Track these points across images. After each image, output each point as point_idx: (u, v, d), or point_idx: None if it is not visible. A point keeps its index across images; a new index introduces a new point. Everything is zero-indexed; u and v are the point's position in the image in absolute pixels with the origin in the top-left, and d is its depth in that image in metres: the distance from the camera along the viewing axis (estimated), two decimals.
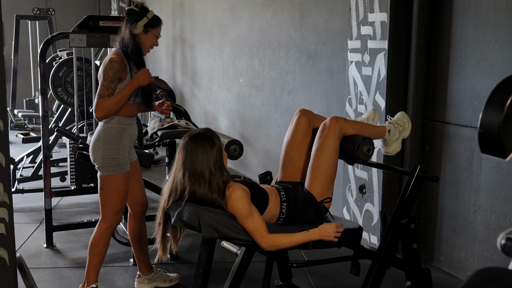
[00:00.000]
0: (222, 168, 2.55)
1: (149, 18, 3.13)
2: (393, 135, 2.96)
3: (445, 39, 3.65)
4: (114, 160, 3.07)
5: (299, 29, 5.25)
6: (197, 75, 8.07)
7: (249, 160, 6.54)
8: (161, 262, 3.85)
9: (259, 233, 2.46)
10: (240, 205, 2.48)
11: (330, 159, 2.74)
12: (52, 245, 4.18)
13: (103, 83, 2.99)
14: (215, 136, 2.59)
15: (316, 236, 2.48)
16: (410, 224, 2.51)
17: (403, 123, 3.02)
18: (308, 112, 2.98)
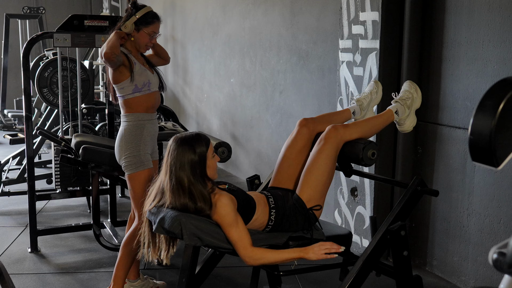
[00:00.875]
0: (203, 177, 2.45)
1: (137, 17, 3.06)
2: (403, 113, 2.82)
3: (438, 38, 3.57)
4: (136, 158, 3.05)
5: (290, 28, 5.17)
6: (188, 74, 7.97)
7: (240, 161, 6.45)
8: (148, 267, 3.77)
9: (242, 244, 2.37)
10: (225, 212, 2.39)
11: (325, 166, 2.65)
12: (37, 250, 4.08)
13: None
14: (200, 143, 2.46)
15: (303, 254, 2.36)
16: (401, 231, 2.42)
17: (410, 94, 2.88)
18: (310, 122, 2.86)
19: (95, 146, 3.56)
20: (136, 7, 3.11)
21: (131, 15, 3.09)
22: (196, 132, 2.54)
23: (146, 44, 3.13)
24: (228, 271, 3.75)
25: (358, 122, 2.82)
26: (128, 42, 3.12)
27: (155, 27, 3.13)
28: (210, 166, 2.49)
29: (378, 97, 2.99)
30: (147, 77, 3.10)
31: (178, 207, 2.41)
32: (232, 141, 6.60)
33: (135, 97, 3.08)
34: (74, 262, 3.91)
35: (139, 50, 3.16)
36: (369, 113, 3.03)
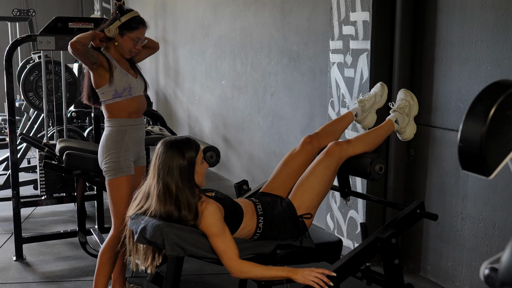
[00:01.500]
0: (191, 183, 2.36)
1: (122, 21, 2.97)
2: (402, 121, 2.80)
3: (430, 39, 3.49)
4: (115, 163, 2.97)
5: (281, 29, 5.08)
6: (180, 76, 7.88)
7: (232, 164, 6.37)
8: (136, 275, 3.68)
9: (228, 255, 2.28)
10: (211, 221, 2.31)
11: (323, 176, 2.59)
12: (22, 258, 3.99)
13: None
14: (189, 148, 2.38)
15: (291, 274, 2.27)
16: (392, 239, 2.34)
17: (407, 102, 2.86)
18: (314, 139, 2.82)
19: (79, 151, 3.47)
20: (121, 11, 3.02)
21: (116, 19, 3.00)
22: (186, 137, 2.46)
23: (130, 49, 3.05)
24: (218, 278, 3.66)
25: (360, 136, 2.78)
26: (111, 46, 3.04)
27: (140, 33, 3.04)
28: (198, 173, 2.40)
29: (382, 100, 2.96)
30: (128, 82, 3.01)
31: (162, 214, 2.32)
32: (224, 144, 6.52)
33: (115, 102, 3.00)
34: (60, 270, 3.81)
35: (123, 55, 3.08)
36: (370, 115, 3.00)
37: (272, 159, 5.40)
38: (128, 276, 3.62)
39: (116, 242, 3.07)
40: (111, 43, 3.04)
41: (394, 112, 2.85)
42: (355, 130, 3.81)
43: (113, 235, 3.07)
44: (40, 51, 4.88)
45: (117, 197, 2.99)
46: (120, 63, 3.04)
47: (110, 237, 3.09)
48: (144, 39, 3.11)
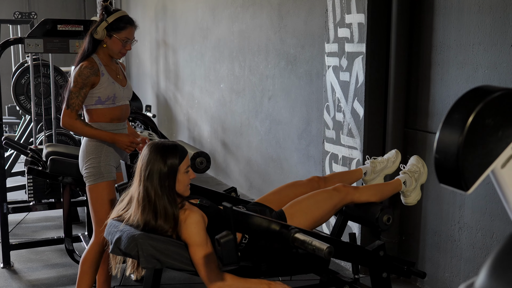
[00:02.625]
0: (171, 191, 2.26)
1: (108, 22, 2.88)
2: (410, 185, 2.79)
3: (427, 41, 3.38)
4: (96, 169, 2.89)
5: (278, 32, 4.99)
6: (179, 80, 7.80)
7: (230, 169, 6.27)
8: (124, 283, 3.58)
9: (208, 268, 2.18)
10: (195, 230, 2.21)
11: (322, 203, 2.53)
12: (10, 265, 3.90)
13: (72, 89, 2.84)
14: (173, 155, 2.27)
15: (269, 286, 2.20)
16: (379, 251, 2.23)
17: (418, 168, 2.85)
18: (321, 180, 2.82)
19: (66, 156, 3.38)
20: (107, 11, 2.93)
21: (102, 20, 2.91)
22: (173, 143, 2.36)
23: (119, 51, 2.95)
24: None
25: (368, 186, 2.73)
26: (100, 49, 2.94)
27: (128, 33, 2.95)
28: (180, 181, 2.30)
29: (393, 167, 2.95)
30: (113, 91, 2.92)
31: (139, 222, 2.23)
32: (222, 148, 6.43)
33: (97, 108, 2.91)
34: (47, 278, 3.73)
35: (113, 57, 2.99)
36: (378, 178, 3.00)
37: (269, 164, 5.29)
38: (116, 285, 3.53)
39: (97, 249, 2.98)
40: (100, 46, 2.95)
41: (404, 173, 2.84)
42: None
43: (94, 242, 2.98)
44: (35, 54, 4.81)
45: (98, 203, 2.90)
46: (108, 69, 2.94)
47: (91, 244, 3.00)
48: (134, 40, 3.01)
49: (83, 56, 2.91)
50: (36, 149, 3.61)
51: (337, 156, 3.87)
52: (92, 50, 2.93)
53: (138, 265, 2.29)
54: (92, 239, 2.99)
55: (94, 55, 2.92)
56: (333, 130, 3.89)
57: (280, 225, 2.04)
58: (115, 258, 2.32)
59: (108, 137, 2.87)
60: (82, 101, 2.86)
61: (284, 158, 5.01)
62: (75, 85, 2.83)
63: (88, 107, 2.91)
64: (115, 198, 2.89)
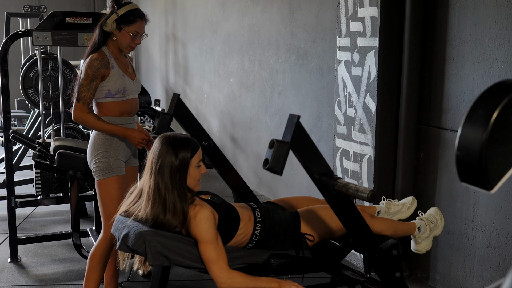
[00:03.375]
0: (182, 185, 2.21)
1: (119, 15, 2.84)
2: (423, 232, 2.73)
3: (441, 36, 3.31)
4: (105, 163, 2.84)
5: (289, 26, 4.92)
6: (189, 74, 7.76)
7: (239, 164, 6.22)
8: (132, 279, 3.55)
9: (218, 265, 2.13)
10: (205, 226, 2.16)
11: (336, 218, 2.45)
12: (17, 259, 3.88)
13: (82, 82, 2.80)
14: (185, 148, 2.22)
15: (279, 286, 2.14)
16: (392, 250, 2.17)
17: (435, 219, 2.79)
18: None
19: (73, 151, 3.34)
20: (118, 4, 2.89)
21: (113, 12, 2.87)
22: (186, 136, 2.31)
23: (128, 44, 2.91)
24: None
25: (384, 219, 2.66)
26: (110, 41, 2.90)
27: (138, 26, 2.89)
28: (192, 176, 2.25)
29: (407, 213, 2.87)
30: (123, 84, 2.88)
31: (148, 216, 2.18)
32: (231, 143, 6.38)
33: (106, 101, 2.86)
34: (54, 273, 3.70)
35: (122, 51, 2.95)
36: None
37: None
38: (123, 281, 3.49)
39: (106, 245, 2.94)
40: (110, 38, 2.90)
41: (421, 220, 2.78)
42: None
43: (102, 238, 2.94)
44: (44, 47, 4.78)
45: (107, 198, 2.86)
46: (118, 62, 2.90)
47: (99, 240, 2.96)
48: (144, 34, 2.96)
49: (93, 48, 2.87)
50: (44, 143, 3.58)
51: (348, 152, 3.80)
52: (102, 42, 2.89)
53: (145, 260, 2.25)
54: (100, 234, 2.96)
55: (104, 48, 2.88)
56: (344, 125, 3.83)
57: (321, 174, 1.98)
58: (123, 254, 2.28)
59: (120, 132, 2.83)
60: (93, 94, 2.82)
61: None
62: (85, 77, 2.79)
63: (98, 100, 2.87)
64: (124, 193, 2.85)
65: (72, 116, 2.82)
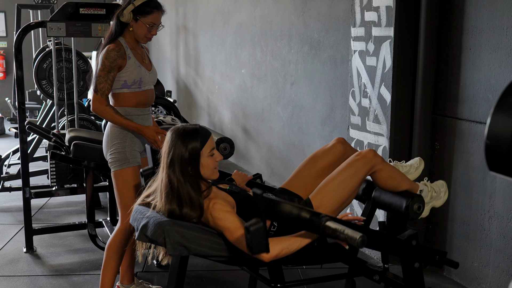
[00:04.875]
0: (196, 177, 2.21)
1: (135, 5, 2.83)
2: (424, 196, 2.64)
3: (457, 25, 3.28)
4: (121, 154, 2.86)
5: (301, 16, 4.89)
6: (200, 65, 7.74)
7: (251, 155, 6.22)
8: (147, 269, 3.56)
9: None
10: (221, 216, 2.15)
11: (349, 182, 2.41)
12: (32, 250, 3.90)
13: (100, 73, 2.80)
14: (194, 138, 2.20)
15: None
16: (412, 241, 2.16)
17: (439, 191, 2.70)
18: (346, 144, 2.70)
19: (88, 141, 3.35)
20: None
21: (130, 3, 2.86)
22: (195, 126, 2.27)
23: (144, 35, 2.90)
24: (231, 274, 3.52)
25: (393, 169, 2.59)
26: (127, 32, 2.90)
27: (155, 17, 2.88)
28: (205, 166, 2.24)
29: (415, 174, 2.78)
30: (140, 75, 2.88)
31: (164, 211, 2.19)
32: (243, 134, 6.37)
33: (123, 92, 2.86)
34: (70, 263, 3.72)
35: (138, 41, 2.94)
36: None
37: (291, 150, 5.23)
38: (138, 271, 3.51)
39: (123, 235, 2.96)
40: (126, 29, 2.90)
41: (425, 185, 2.70)
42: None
43: (120, 228, 2.95)
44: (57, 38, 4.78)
45: (123, 189, 2.87)
46: (134, 52, 2.90)
47: (117, 230, 2.97)
48: (160, 25, 2.96)
49: (110, 39, 2.87)
50: (59, 134, 3.59)
51: (362, 142, 3.79)
52: (119, 33, 2.88)
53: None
54: (118, 225, 2.97)
55: (120, 38, 2.88)
56: (358, 116, 3.82)
57: (310, 213, 1.98)
58: (142, 245, 2.28)
59: (136, 128, 2.84)
60: (111, 84, 2.82)
61: (306, 144, 4.94)
62: (102, 68, 2.79)
63: (114, 91, 2.87)
64: (140, 184, 2.85)
65: (90, 107, 2.83)
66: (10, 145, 7.41)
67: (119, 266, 3.04)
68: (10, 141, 8.25)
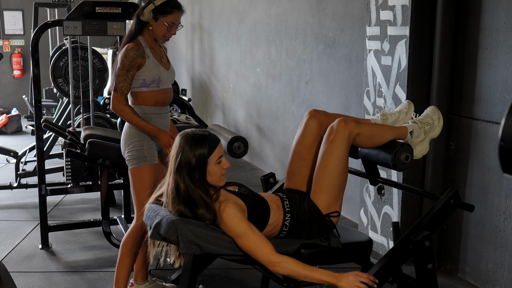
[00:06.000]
0: (202, 182, 2.21)
1: (155, 5, 2.84)
2: (417, 136, 2.54)
3: (474, 24, 3.25)
4: (139, 152, 2.87)
5: (316, 15, 4.88)
6: (215, 64, 7.76)
7: (266, 154, 6.22)
8: (161, 267, 3.58)
9: (262, 252, 2.13)
10: (232, 223, 2.15)
11: (336, 167, 2.37)
12: (48, 246, 3.94)
13: (119, 72, 2.82)
14: (202, 145, 2.20)
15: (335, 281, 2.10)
16: (425, 241, 2.15)
17: (431, 120, 2.59)
18: (319, 114, 2.58)
19: (104, 139, 3.37)
20: None
21: (150, 2, 2.88)
22: (204, 132, 2.26)
23: (164, 34, 2.91)
24: (244, 273, 3.53)
25: (371, 124, 2.52)
26: (146, 31, 2.91)
27: (175, 17, 2.89)
28: (211, 173, 2.23)
29: (406, 118, 2.67)
30: (158, 74, 2.89)
31: (173, 212, 2.20)
32: (257, 133, 6.37)
33: (141, 91, 2.88)
34: (84, 260, 3.75)
35: (157, 41, 2.96)
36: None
37: None
38: (152, 269, 3.53)
39: (137, 232, 2.97)
40: (146, 28, 2.92)
41: (414, 123, 2.59)
42: None
43: (135, 226, 2.97)
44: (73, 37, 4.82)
45: (140, 186, 2.89)
46: (153, 51, 2.92)
47: (132, 227, 2.99)
48: (180, 24, 2.97)
49: (129, 37, 2.89)
50: (75, 131, 3.61)
51: None
52: (139, 31, 2.90)
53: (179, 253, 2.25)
54: (133, 222, 2.99)
55: (140, 37, 2.90)
56: (373, 115, 3.80)
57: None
58: (153, 247, 2.29)
59: (152, 131, 2.85)
60: (130, 84, 2.84)
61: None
62: (121, 67, 2.81)
63: (133, 89, 2.89)
64: (157, 182, 2.86)
65: (110, 105, 2.85)
66: (27, 142, 7.49)
67: (133, 263, 3.06)
68: (27, 138, 8.33)
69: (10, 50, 11.32)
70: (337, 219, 2.41)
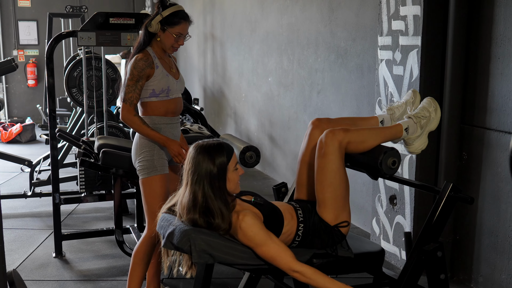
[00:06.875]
0: (222, 191, 2.22)
1: (163, 16, 2.88)
2: (413, 132, 2.49)
3: (486, 34, 3.25)
4: (149, 162, 2.91)
5: (328, 25, 4.90)
6: (227, 73, 7.80)
7: (277, 163, 6.23)
8: (171, 276, 3.60)
9: (283, 260, 2.14)
10: (252, 233, 2.16)
11: (334, 180, 2.37)
12: (61, 255, 3.97)
13: (128, 82, 2.86)
14: (220, 153, 2.22)
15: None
16: (437, 252, 2.15)
17: (428, 113, 2.53)
18: (321, 123, 2.58)
19: (117, 149, 3.40)
20: (163, 5, 2.92)
21: (158, 13, 2.92)
22: (218, 141, 2.29)
23: (171, 45, 2.95)
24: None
25: (361, 129, 2.48)
26: (154, 42, 2.95)
27: (182, 28, 2.93)
28: (231, 180, 2.25)
29: (414, 108, 2.63)
30: (167, 83, 2.92)
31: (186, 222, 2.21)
32: (269, 142, 6.39)
33: (151, 101, 2.91)
34: (98, 269, 3.77)
35: (165, 51, 2.99)
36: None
37: None
38: (164, 278, 3.54)
39: (149, 242, 2.99)
40: (154, 39, 2.95)
41: (408, 118, 2.53)
42: None
43: (146, 235, 2.99)
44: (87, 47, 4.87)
45: (151, 196, 2.91)
46: (162, 61, 2.95)
47: (143, 237, 3.01)
48: (188, 35, 3.00)
49: (138, 48, 2.92)
50: (88, 141, 3.65)
51: None
52: (148, 43, 2.94)
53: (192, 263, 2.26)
54: (144, 232, 3.01)
55: (148, 48, 2.93)
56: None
57: None
58: (167, 256, 2.31)
59: (162, 140, 2.88)
60: (139, 94, 2.87)
61: None
62: (131, 77, 2.85)
63: (143, 99, 2.92)
64: (168, 191, 2.88)
65: (120, 116, 2.88)
66: (41, 151, 7.55)
67: (146, 272, 3.08)
68: (41, 147, 8.40)
69: (24, 60, 11.45)
70: (347, 229, 2.41)
